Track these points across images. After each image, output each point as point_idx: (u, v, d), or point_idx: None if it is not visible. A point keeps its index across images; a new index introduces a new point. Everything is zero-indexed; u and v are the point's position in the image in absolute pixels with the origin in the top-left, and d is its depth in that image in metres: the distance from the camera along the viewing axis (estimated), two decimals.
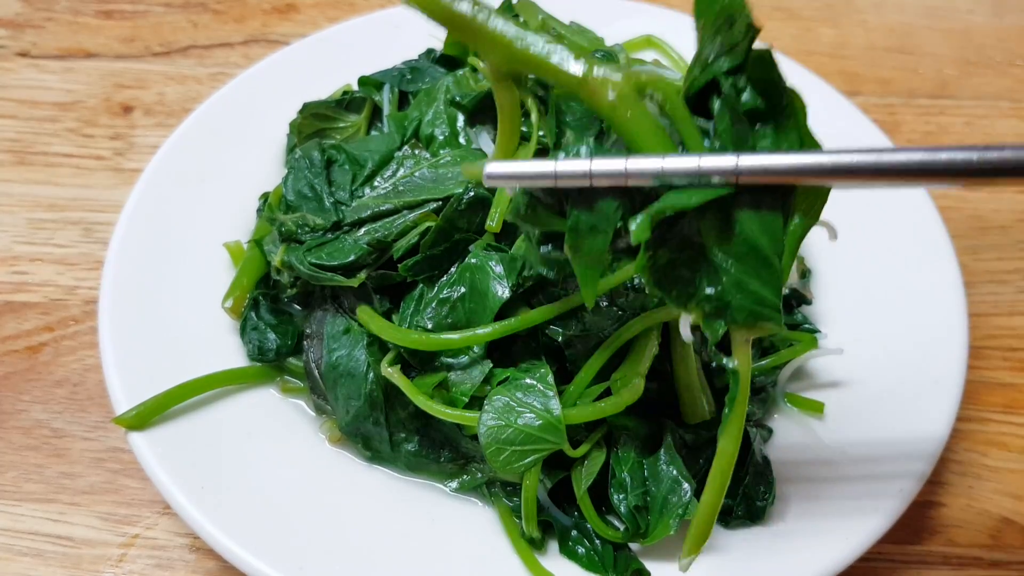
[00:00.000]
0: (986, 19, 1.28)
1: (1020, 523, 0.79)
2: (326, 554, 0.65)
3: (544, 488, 0.68)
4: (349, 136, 0.84)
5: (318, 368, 0.73)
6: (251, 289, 0.79)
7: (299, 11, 1.24)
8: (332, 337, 0.72)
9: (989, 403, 0.87)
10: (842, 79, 1.17)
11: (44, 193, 1.00)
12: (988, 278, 0.97)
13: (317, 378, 0.73)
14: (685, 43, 1.02)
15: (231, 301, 0.78)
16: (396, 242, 0.70)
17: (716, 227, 0.50)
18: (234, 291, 0.78)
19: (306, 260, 0.72)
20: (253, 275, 0.79)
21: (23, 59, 1.15)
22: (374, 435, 0.71)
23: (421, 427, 0.71)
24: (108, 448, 0.81)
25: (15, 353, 0.87)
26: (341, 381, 0.71)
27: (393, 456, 0.72)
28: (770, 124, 0.51)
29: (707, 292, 0.51)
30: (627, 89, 0.52)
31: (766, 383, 0.74)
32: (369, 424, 0.71)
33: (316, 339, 0.74)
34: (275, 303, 0.79)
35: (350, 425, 0.71)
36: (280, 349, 0.76)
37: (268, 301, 0.78)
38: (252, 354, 0.76)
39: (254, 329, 0.76)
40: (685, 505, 0.64)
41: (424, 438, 0.71)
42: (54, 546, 0.75)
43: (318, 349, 0.73)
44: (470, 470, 0.71)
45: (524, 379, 0.65)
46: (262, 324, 0.77)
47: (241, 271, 0.80)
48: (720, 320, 0.52)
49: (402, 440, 0.71)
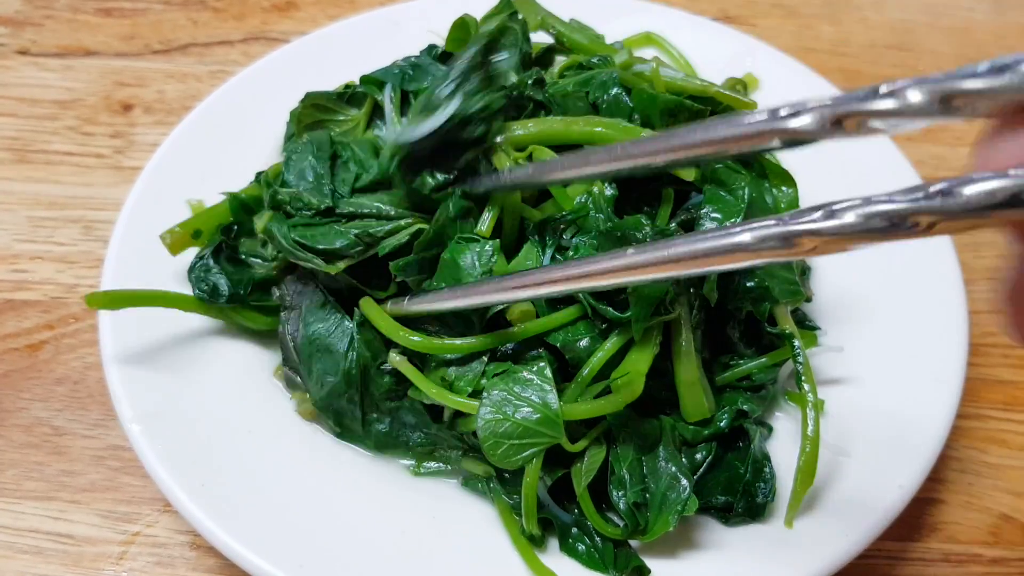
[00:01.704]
0: (986, 16, 1.28)
1: (1020, 520, 0.79)
2: (327, 551, 0.65)
3: (544, 485, 0.68)
4: (349, 130, 0.85)
5: (294, 341, 0.74)
6: (206, 230, 0.79)
7: (299, 8, 1.24)
8: (310, 311, 0.73)
9: (989, 400, 0.87)
10: (842, 77, 1.17)
11: (44, 191, 1.00)
12: (988, 275, 0.97)
13: (291, 351, 0.74)
14: (685, 40, 1.02)
15: (170, 234, 0.77)
16: (385, 240, 0.71)
17: None
18: (176, 227, 0.78)
19: (290, 236, 0.72)
20: (211, 220, 0.79)
21: (23, 57, 1.15)
22: (346, 412, 0.72)
23: (394, 409, 0.72)
24: (108, 446, 0.81)
25: (15, 351, 0.87)
26: (317, 356, 0.72)
27: (363, 434, 0.73)
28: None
29: (747, 285, 0.70)
30: None
31: (766, 381, 0.74)
32: (343, 401, 0.72)
33: (294, 311, 0.74)
34: (234, 253, 0.79)
35: (323, 400, 0.72)
36: (233, 295, 0.76)
37: (227, 251, 0.79)
38: (202, 293, 0.75)
39: (206, 270, 0.76)
40: (684, 502, 0.64)
41: (396, 420, 0.72)
42: (54, 544, 0.75)
43: (295, 322, 0.74)
44: (438, 455, 0.72)
45: (522, 372, 0.65)
46: (216, 268, 0.77)
47: (199, 213, 0.80)
48: (765, 302, 0.71)
49: (374, 420, 0.72)
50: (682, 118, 0.75)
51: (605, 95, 0.76)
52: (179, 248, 0.78)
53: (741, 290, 0.71)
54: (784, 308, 0.73)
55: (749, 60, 1.01)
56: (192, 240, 0.79)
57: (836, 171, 0.90)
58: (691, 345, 0.68)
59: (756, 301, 0.71)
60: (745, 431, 0.71)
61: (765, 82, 0.98)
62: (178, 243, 0.78)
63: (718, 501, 0.68)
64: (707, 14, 1.14)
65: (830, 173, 0.88)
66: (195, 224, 0.79)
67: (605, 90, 0.76)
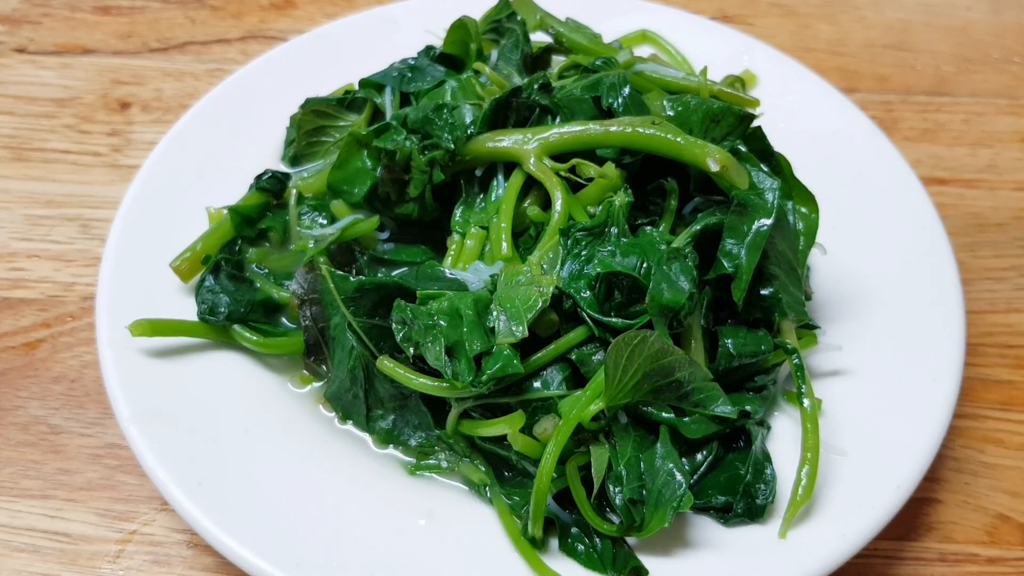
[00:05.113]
0: (984, 16, 1.28)
1: (1016, 519, 0.79)
2: (324, 550, 0.65)
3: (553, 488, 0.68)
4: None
5: (319, 327, 0.75)
6: (214, 253, 0.79)
7: (297, 7, 1.24)
8: (328, 303, 0.73)
9: (986, 400, 0.87)
10: (840, 76, 1.17)
11: (41, 189, 1.00)
12: (985, 275, 0.97)
13: (318, 337, 0.75)
14: (681, 39, 1.02)
15: (181, 262, 0.78)
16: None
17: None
18: (187, 252, 0.79)
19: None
20: (216, 241, 0.80)
21: (20, 55, 1.15)
22: (352, 407, 0.74)
23: (398, 407, 0.72)
24: (105, 444, 0.81)
25: (12, 349, 0.87)
26: (332, 345, 0.74)
27: (367, 429, 0.74)
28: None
29: (764, 293, 0.72)
30: None
31: (766, 381, 0.74)
32: (349, 397, 0.73)
33: (314, 306, 0.75)
34: (238, 270, 0.80)
35: (332, 394, 0.74)
36: (232, 314, 0.76)
37: (230, 267, 0.79)
38: (203, 313, 0.76)
39: (209, 291, 0.77)
40: (680, 498, 0.64)
41: (399, 419, 0.73)
42: (51, 542, 0.75)
43: (318, 311, 0.74)
44: (437, 456, 0.73)
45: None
46: (218, 287, 0.78)
47: (204, 236, 0.80)
48: (776, 312, 0.72)
49: (378, 416, 0.73)
50: (726, 123, 0.75)
51: (618, 97, 0.76)
52: (191, 275, 0.79)
53: (756, 297, 0.72)
54: (790, 323, 0.74)
55: (747, 59, 1.00)
56: (202, 265, 0.79)
57: (836, 170, 0.90)
58: (700, 355, 0.70)
59: (766, 310, 0.73)
60: (747, 431, 0.71)
61: (764, 81, 0.98)
62: (189, 270, 0.78)
63: (718, 501, 0.68)
64: (705, 13, 1.14)
65: (829, 172, 0.88)
66: (204, 250, 0.79)
67: (616, 92, 0.76)
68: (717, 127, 0.76)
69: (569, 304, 0.69)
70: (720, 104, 0.76)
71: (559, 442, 0.65)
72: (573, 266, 0.69)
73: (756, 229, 0.70)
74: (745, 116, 0.76)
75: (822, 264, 0.84)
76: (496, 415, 0.69)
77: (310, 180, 0.86)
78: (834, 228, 0.83)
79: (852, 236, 0.85)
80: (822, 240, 0.78)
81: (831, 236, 0.81)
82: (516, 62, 0.86)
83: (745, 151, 0.74)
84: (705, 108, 0.75)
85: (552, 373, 0.69)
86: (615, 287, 0.68)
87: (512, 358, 0.65)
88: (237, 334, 0.77)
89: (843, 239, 0.84)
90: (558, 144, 0.74)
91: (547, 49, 0.92)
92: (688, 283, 0.67)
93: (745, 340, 0.72)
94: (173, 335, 0.75)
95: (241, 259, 0.81)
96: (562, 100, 0.77)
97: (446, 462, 0.73)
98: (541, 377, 0.69)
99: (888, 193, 0.88)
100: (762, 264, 0.70)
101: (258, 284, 0.80)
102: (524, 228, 0.76)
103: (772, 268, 0.72)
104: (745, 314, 0.73)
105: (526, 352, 0.68)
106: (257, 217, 0.83)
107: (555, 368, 0.69)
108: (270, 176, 0.85)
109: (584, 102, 0.77)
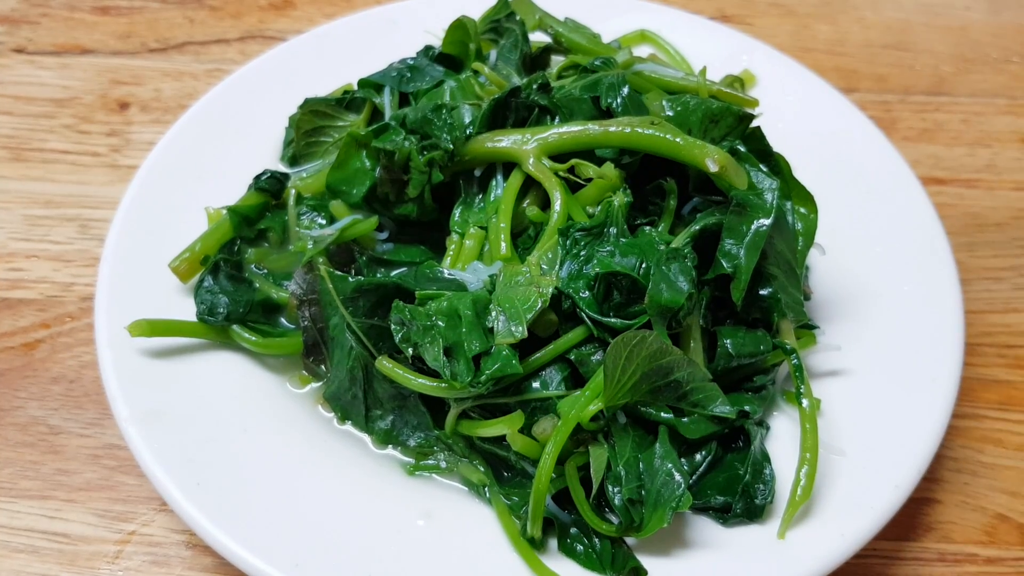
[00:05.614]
0: (983, 16, 1.28)
1: (1015, 520, 0.80)
2: (323, 550, 0.65)
3: (552, 488, 0.68)
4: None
5: (317, 327, 0.75)
6: (212, 254, 0.79)
7: (296, 7, 1.24)
8: (327, 303, 0.73)
9: (985, 400, 0.87)
10: (839, 76, 1.17)
11: (40, 190, 1.00)
12: (984, 275, 0.97)
13: (317, 337, 0.75)
14: (680, 39, 1.02)
15: (180, 262, 0.78)
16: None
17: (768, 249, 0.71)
18: (185, 253, 0.79)
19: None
20: (215, 242, 0.80)
21: (19, 55, 1.15)
22: (351, 407, 0.74)
23: (398, 408, 0.73)
24: (104, 445, 0.81)
25: (11, 350, 0.87)
26: (331, 345, 0.74)
27: (366, 429, 0.74)
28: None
29: (762, 293, 0.72)
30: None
31: (765, 381, 0.74)
32: (348, 396, 0.73)
33: (313, 306, 0.75)
34: (237, 270, 0.80)
35: (333, 395, 0.74)
36: (231, 315, 0.77)
37: (229, 268, 0.79)
38: (201, 313, 0.76)
39: (208, 291, 0.78)
40: (678, 498, 0.64)
41: (398, 419, 0.73)
42: (50, 543, 0.75)
43: (317, 311, 0.74)
44: (436, 456, 0.73)
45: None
46: (217, 288, 0.78)
47: (203, 236, 0.80)
48: (775, 313, 0.73)
49: (377, 416, 0.73)
50: (725, 124, 0.75)
51: (617, 97, 0.76)
52: (190, 276, 0.79)
53: (755, 297, 0.72)
54: (789, 323, 0.74)
55: (746, 59, 1.01)
56: (201, 266, 0.79)
57: (835, 171, 0.90)
58: (699, 355, 0.70)
59: (765, 311, 0.73)
60: (746, 431, 0.71)
61: (763, 82, 0.98)
62: (188, 271, 0.78)
63: (716, 501, 0.68)
64: (704, 13, 1.14)
65: (828, 172, 0.88)
66: (203, 251, 0.79)
67: (615, 92, 0.76)
68: (716, 127, 0.76)
69: (568, 304, 0.69)
70: (719, 104, 0.76)
71: (558, 442, 0.65)
72: (572, 266, 0.69)
73: (755, 229, 0.70)
74: (744, 116, 0.76)
75: (821, 264, 0.84)
76: (495, 415, 0.69)
77: (309, 180, 0.86)
78: (833, 228, 0.83)
79: (851, 236, 0.85)
80: (821, 240, 0.77)
81: (830, 236, 0.81)
82: (515, 62, 0.86)
83: (744, 151, 0.74)
84: (704, 108, 0.75)
85: (551, 373, 0.69)
86: (614, 287, 0.68)
87: (511, 358, 0.65)
88: (236, 334, 0.76)
89: (842, 239, 0.84)
90: (557, 144, 0.74)
91: (546, 49, 0.92)
92: (687, 283, 0.67)
93: (744, 340, 0.72)
94: (172, 335, 0.75)
95: (240, 259, 0.81)
96: (561, 100, 0.77)
97: (445, 462, 0.73)
98: (540, 377, 0.69)
99: (887, 193, 0.89)
100: (761, 264, 0.70)
101: (257, 284, 0.80)
102: (523, 228, 0.76)
103: (771, 268, 0.72)
104: (744, 314, 0.73)
105: (525, 352, 0.68)
106: (256, 217, 0.83)
107: (554, 368, 0.69)
108: (269, 176, 0.85)
109: (583, 102, 0.77)
